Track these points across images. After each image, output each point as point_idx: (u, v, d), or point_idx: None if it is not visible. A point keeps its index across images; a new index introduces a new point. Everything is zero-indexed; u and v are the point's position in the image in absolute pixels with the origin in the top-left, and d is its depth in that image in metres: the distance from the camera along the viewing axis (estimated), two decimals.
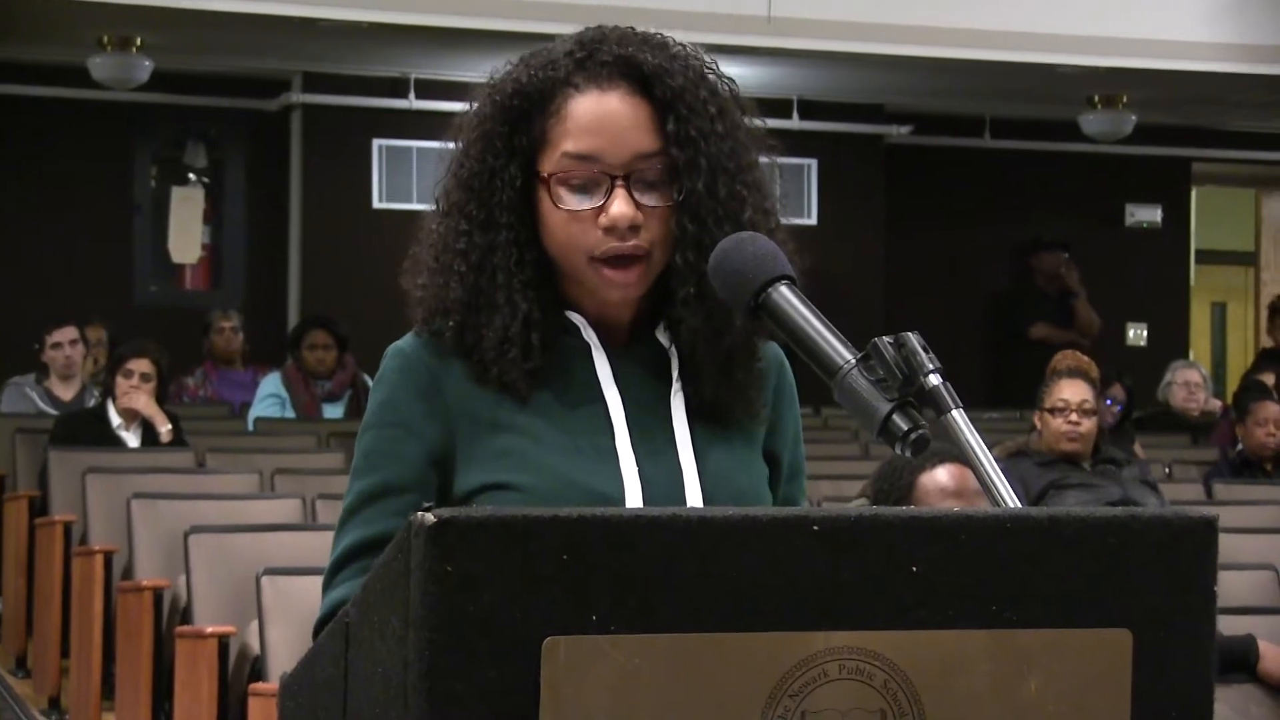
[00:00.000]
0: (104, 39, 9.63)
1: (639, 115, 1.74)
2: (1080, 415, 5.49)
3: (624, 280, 1.75)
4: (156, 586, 5.16)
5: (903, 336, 1.56)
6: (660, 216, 1.75)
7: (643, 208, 1.74)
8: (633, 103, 1.74)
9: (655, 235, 1.75)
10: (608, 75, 1.75)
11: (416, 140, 10.46)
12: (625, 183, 1.73)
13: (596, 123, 1.74)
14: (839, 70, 10.31)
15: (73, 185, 10.70)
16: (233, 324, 9.69)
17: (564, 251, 1.76)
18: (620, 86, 1.75)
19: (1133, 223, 12.45)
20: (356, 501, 1.77)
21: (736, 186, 1.76)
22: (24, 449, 7.44)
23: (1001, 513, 1.40)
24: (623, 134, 1.74)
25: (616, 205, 1.73)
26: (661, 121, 1.74)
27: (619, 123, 1.74)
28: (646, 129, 1.74)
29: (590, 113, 1.74)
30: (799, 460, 1.91)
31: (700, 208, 1.74)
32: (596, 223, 1.73)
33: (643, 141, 1.74)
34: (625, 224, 1.73)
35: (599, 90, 1.74)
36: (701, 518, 1.33)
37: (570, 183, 1.74)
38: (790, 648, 1.31)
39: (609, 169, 1.74)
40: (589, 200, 1.74)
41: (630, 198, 1.73)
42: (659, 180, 1.75)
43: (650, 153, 1.74)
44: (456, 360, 1.77)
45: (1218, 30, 10.08)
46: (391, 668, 1.30)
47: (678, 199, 1.74)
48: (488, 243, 1.76)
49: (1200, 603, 1.39)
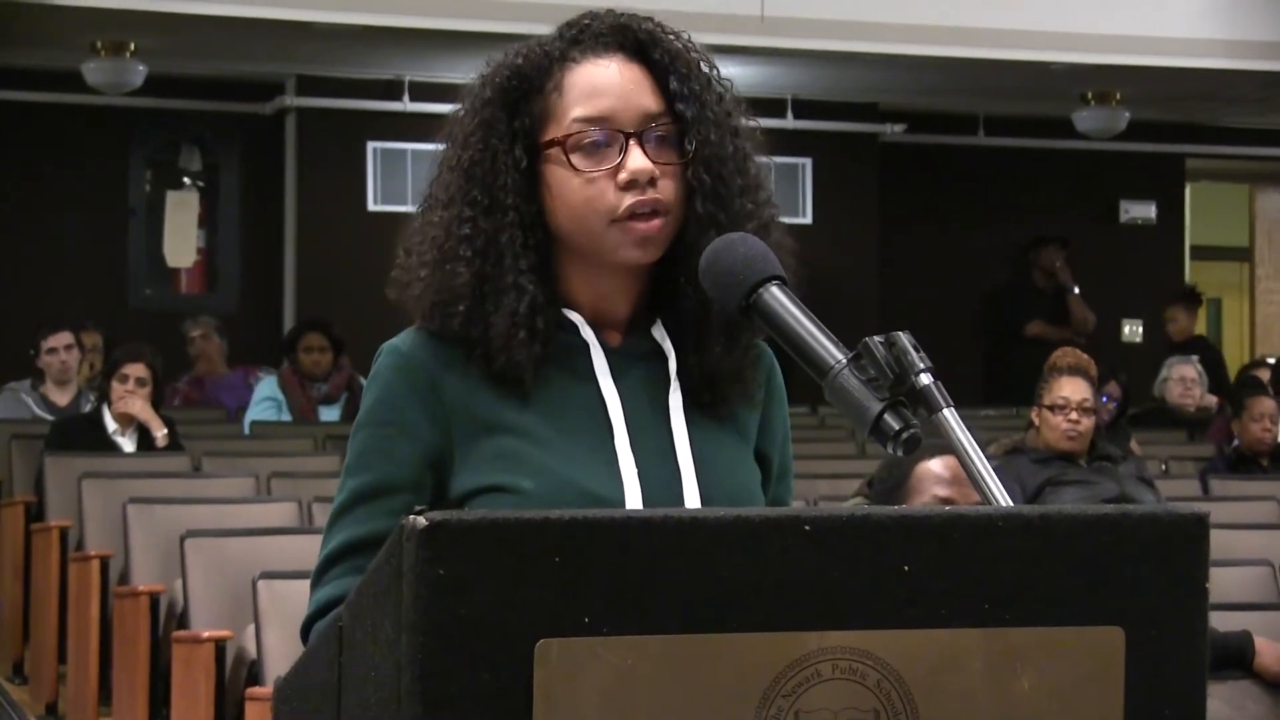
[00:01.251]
0: (98, 44, 9.62)
1: (640, 77, 1.77)
2: (1080, 413, 5.49)
3: (648, 229, 1.74)
4: (153, 591, 5.16)
5: (893, 336, 1.56)
6: (673, 174, 1.76)
7: (657, 164, 1.75)
8: (632, 67, 1.77)
9: (671, 191, 1.76)
10: (604, 45, 1.78)
11: (411, 143, 10.45)
12: (639, 139, 1.75)
13: (602, 86, 1.76)
14: (833, 69, 10.32)
15: (67, 190, 10.69)
16: (202, 331, 9.63)
17: (581, 218, 1.75)
18: (617, 55, 1.77)
19: (1127, 219, 12.46)
20: (348, 500, 1.76)
21: (740, 142, 1.80)
22: (20, 454, 7.43)
23: (993, 511, 1.40)
24: (629, 94, 1.76)
25: (634, 159, 1.74)
26: (663, 82, 1.77)
27: (625, 85, 1.76)
28: (649, 90, 1.77)
29: (593, 78, 1.76)
30: (787, 461, 1.91)
31: (713, 158, 1.76)
32: (614, 182, 1.74)
33: (649, 102, 1.76)
34: (645, 177, 1.74)
35: (597, 58, 1.77)
36: (694, 518, 1.33)
37: (584, 145, 1.75)
38: (783, 648, 1.31)
39: (621, 126, 1.75)
40: (604, 161, 1.75)
41: (645, 153, 1.75)
42: (668, 138, 1.77)
43: (656, 112, 1.76)
44: (456, 356, 1.76)
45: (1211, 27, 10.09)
46: (385, 671, 1.30)
47: (690, 153, 1.76)
48: (493, 227, 1.76)
49: (1192, 599, 1.39)
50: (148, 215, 10.99)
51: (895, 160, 11.71)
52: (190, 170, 11.16)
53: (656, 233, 1.75)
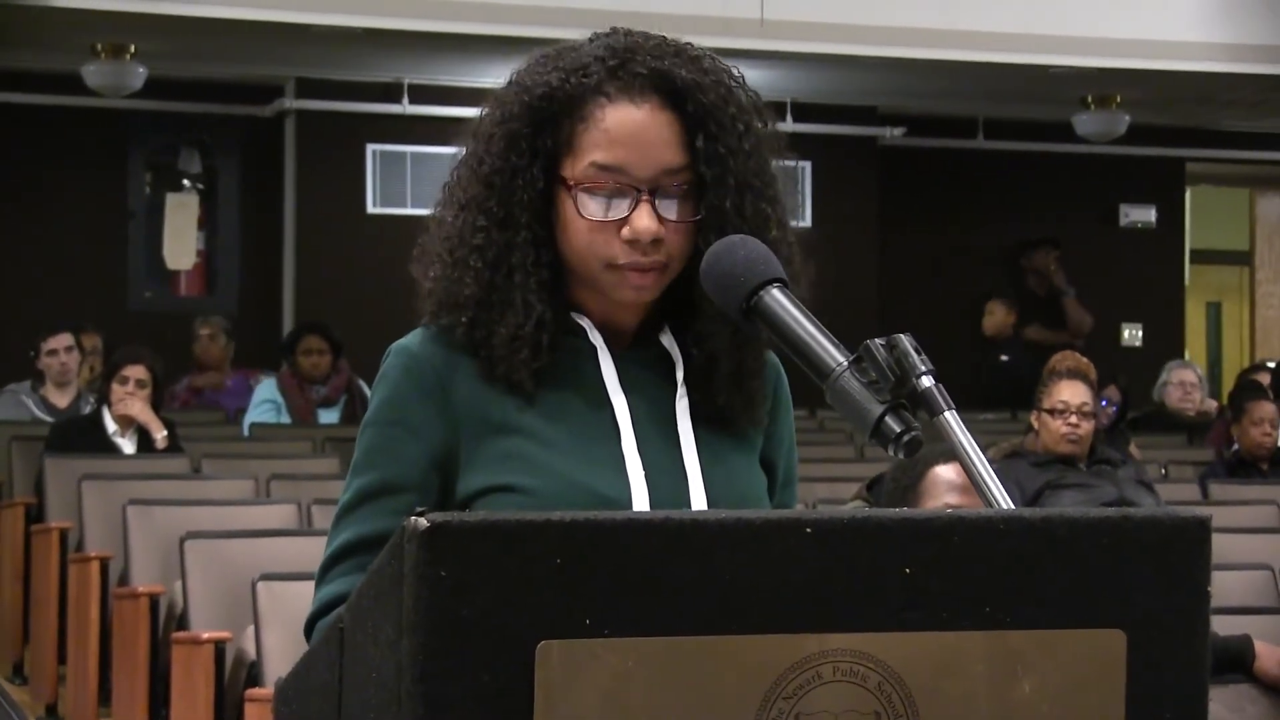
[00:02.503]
0: (98, 46, 9.62)
1: (668, 130, 1.74)
2: (1080, 417, 5.49)
3: (640, 284, 1.75)
4: (152, 593, 5.16)
5: (895, 338, 1.56)
6: (682, 231, 1.75)
7: (665, 222, 1.74)
8: (663, 117, 1.74)
9: (676, 249, 1.75)
10: (640, 87, 1.74)
11: (410, 145, 10.46)
12: (650, 197, 1.73)
13: (627, 135, 1.73)
14: (832, 73, 10.32)
15: (67, 192, 10.69)
16: (209, 331, 9.63)
17: (583, 258, 1.76)
18: (652, 99, 1.74)
19: (1127, 223, 12.46)
20: (354, 499, 1.76)
21: (761, 205, 1.77)
22: (20, 456, 7.44)
23: (994, 514, 1.40)
24: (651, 148, 1.74)
25: (640, 219, 1.73)
26: (690, 137, 1.74)
27: (648, 136, 1.74)
28: (674, 144, 1.74)
29: (621, 124, 1.73)
30: (792, 468, 1.92)
31: (726, 224, 1.74)
32: (619, 233, 1.73)
33: (670, 157, 1.74)
34: (648, 238, 1.73)
35: (631, 102, 1.74)
36: (694, 520, 1.33)
37: (595, 192, 1.74)
38: (784, 650, 1.31)
39: (635, 182, 1.73)
40: (612, 211, 1.74)
41: (654, 212, 1.73)
42: (683, 195, 1.75)
43: (677, 167, 1.74)
44: (463, 357, 1.76)
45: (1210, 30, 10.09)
46: (385, 673, 1.30)
47: (702, 214, 1.74)
48: (505, 241, 1.75)
49: (1194, 602, 1.39)
50: (147, 217, 10.99)
51: (895, 163, 11.71)
52: (190, 173, 11.16)
53: (652, 284, 1.75)
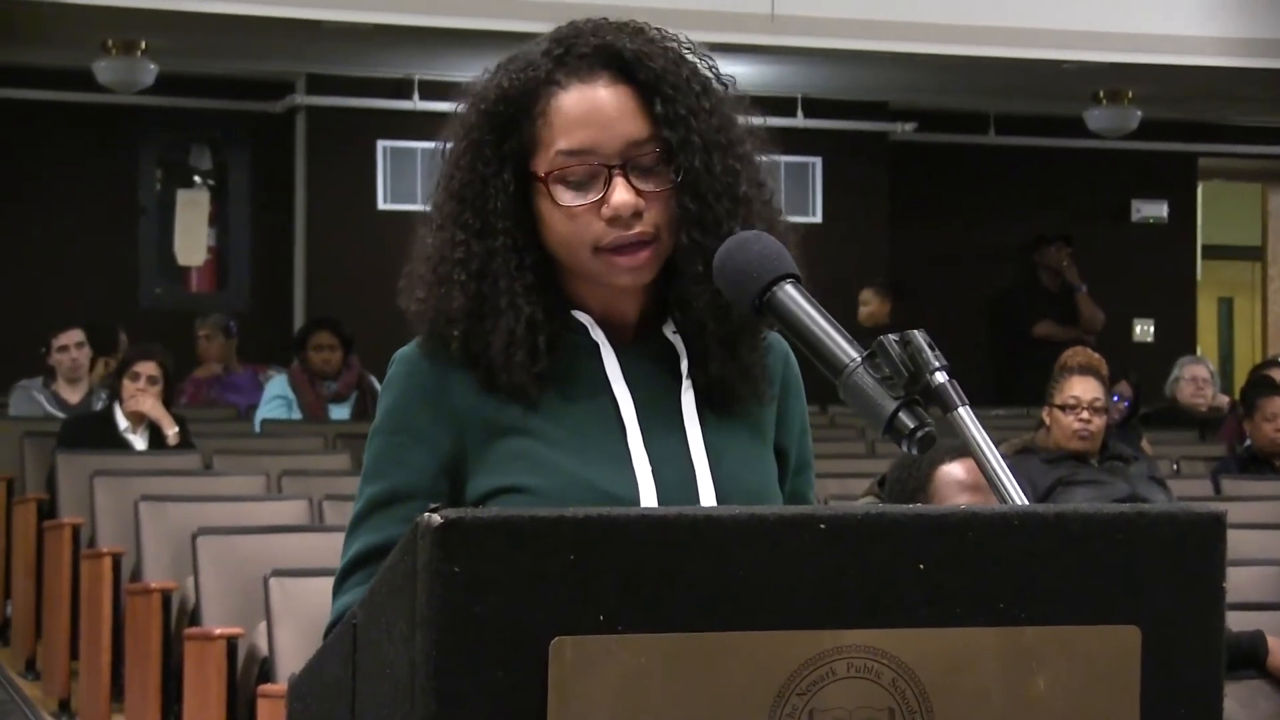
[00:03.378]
0: (108, 43, 9.63)
1: (626, 102, 1.74)
2: (1091, 413, 5.48)
3: (633, 264, 1.74)
4: (165, 589, 5.17)
5: (908, 334, 1.55)
6: (661, 199, 1.74)
7: (643, 193, 1.73)
8: (617, 90, 1.74)
9: (659, 219, 1.74)
10: (588, 67, 1.74)
11: (421, 141, 10.44)
12: (623, 171, 1.73)
13: (585, 116, 1.73)
14: (843, 68, 10.31)
15: (78, 188, 10.70)
16: (207, 331, 9.62)
17: (568, 247, 1.75)
18: (602, 76, 1.74)
19: (1139, 218, 12.43)
20: (365, 508, 1.77)
21: (729, 161, 1.76)
22: (32, 452, 7.45)
23: (1009, 510, 1.39)
24: (613, 123, 1.73)
25: (617, 194, 1.72)
26: (649, 105, 1.74)
27: (607, 113, 1.73)
28: (635, 115, 1.74)
29: (578, 107, 1.73)
30: (806, 453, 1.91)
31: (699, 184, 1.73)
32: (599, 215, 1.73)
33: (633, 128, 1.74)
34: (628, 212, 1.72)
35: (582, 83, 1.74)
36: (708, 517, 1.33)
37: (568, 179, 1.74)
38: (798, 646, 1.31)
39: (605, 159, 1.73)
40: (588, 194, 1.73)
41: (629, 185, 1.73)
42: (655, 164, 1.74)
43: (642, 138, 1.74)
44: (463, 371, 1.76)
45: (1223, 25, 10.07)
46: (399, 669, 1.30)
47: (676, 180, 1.74)
48: (485, 249, 1.75)
49: (1209, 599, 1.38)
50: (158, 214, 11.00)
51: (905, 159, 11.70)
52: (201, 169, 11.17)
53: (643, 264, 1.74)
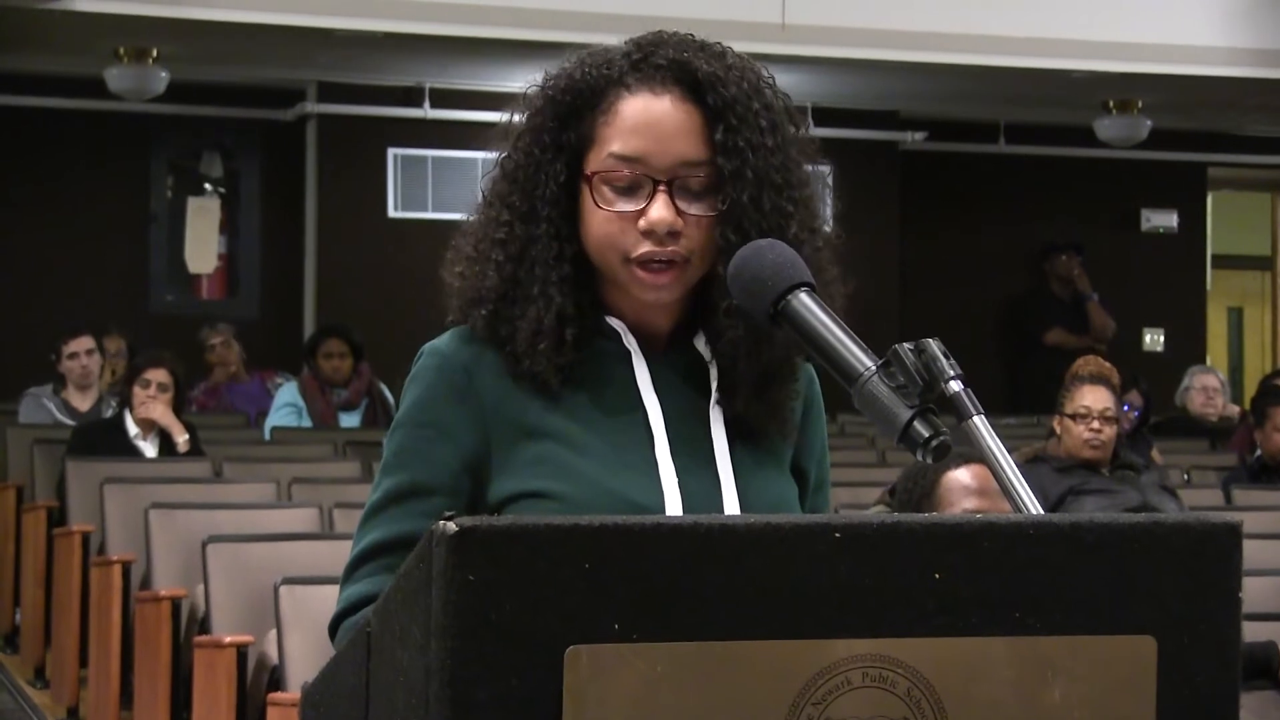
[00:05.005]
0: (120, 50, 9.65)
1: (688, 122, 1.73)
2: (1102, 422, 5.48)
3: (656, 283, 1.74)
4: (174, 596, 5.17)
5: (923, 343, 1.55)
6: (702, 225, 1.74)
7: (684, 214, 1.73)
8: (684, 108, 1.74)
9: (695, 243, 1.74)
10: (661, 79, 1.74)
11: (431, 149, 10.47)
12: (668, 188, 1.73)
13: (644, 125, 1.73)
14: (853, 77, 10.31)
15: (89, 196, 10.72)
16: (222, 338, 9.64)
17: (600, 250, 1.75)
18: (673, 91, 1.74)
19: (1149, 228, 12.43)
20: (383, 499, 1.76)
21: (782, 201, 1.75)
22: (42, 460, 7.46)
23: (1024, 519, 1.39)
24: (670, 138, 1.73)
25: (656, 209, 1.72)
26: (711, 130, 1.73)
27: (667, 127, 1.73)
28: (695, 136, 1.73)
29: (639, 114, 1.73)
30: (825, 473, 1.91)
31: (744, 219, 1.72)
32: (636, 225, 1.73)
33: (689, 148, 1.73)
34: (664, 229, 1.72)
35: (651, 93, 1.74)
36: (723, 526, 1.33)
37: (614, 183, 1.74)
38: (813, 655, 1.31)
39: (652, 172, 1.73)
40: (631, 202, 1.73)
41: (671, 203, 1.73)
42: (703, 189, 1.74)
43: (696, 160, 1.73)
44: (490, 351, 1.76)
45: (1232, 35, 10.06)
46: (413, 676, 1.30)
47: (721, 209, 1.73)
48: (527, 234, 1.75)
49: (1225, 608, 1.38)
50: (169, 221, 11.01)
51: (916, 168, 11.70)
52: (211, 176, 11.19)
53: (665, 285, 1.74)
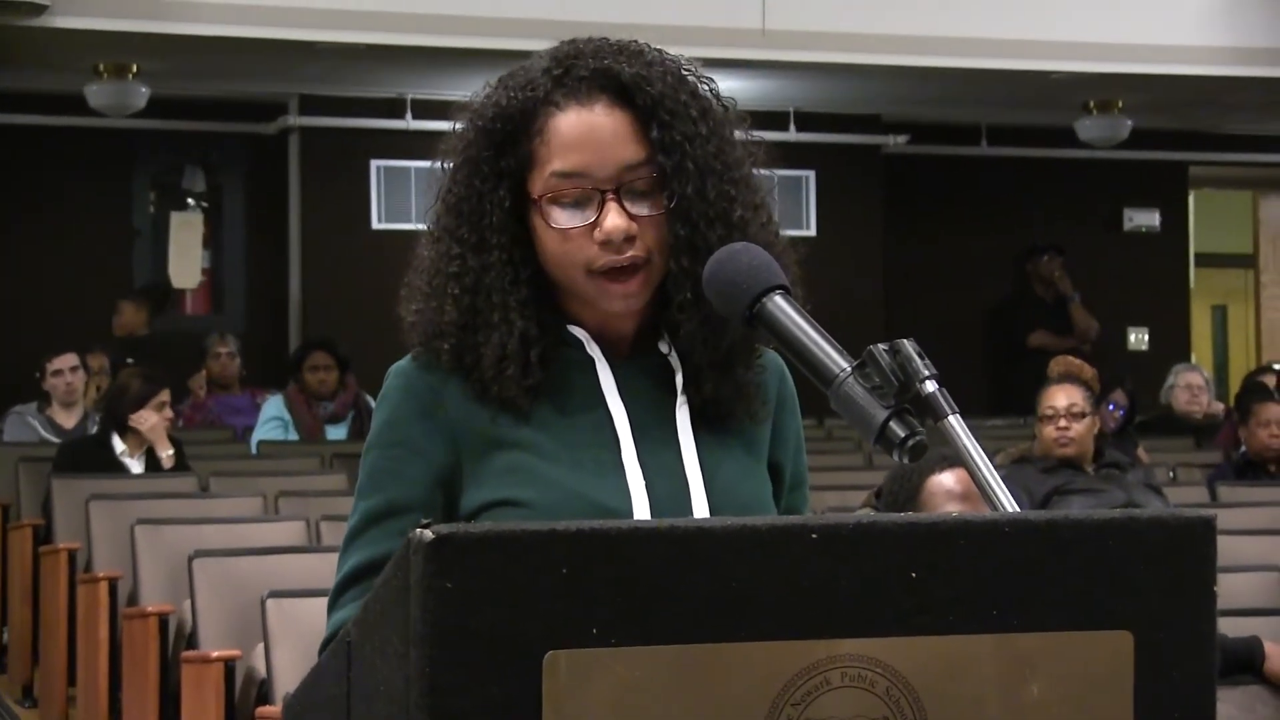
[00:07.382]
0: (100, 66, 9.64)
1: (622, 126, 1.74)
2: (1069, 420, 5.50)
3: (625, 291, 1.75)
4: (161, 612, 5.16)
5: (898, 343, 1.56)
6: (654, 224, 1.75)
7: (636, 218, 1.74)
8: (615, 114, 1.74)
9: (651, 243, 1.75)
10: (587, 89, 1.75)
11: (415, 160, 10.46)
12: (616, 195, 1.73)
13: (581, 139, 1.73)
14: (835, 81, 10.32)
15: (72, 212, 10.71)
16: (229, 349, 9.66)
17: (561, 268, 1.76)
18: (600, 99, 1.75)
19: (1131, 227, 12.46)
20: (361, 523, 1.77)
21: (725, 186, 1.76)
22: (27, 477, 7.44)
23: (1000, 517, 1.40)
24: (608, 147, 1.74)
25: (610, 219, 1.73)
26: (645, 130, 1.74)
27: (603, 136, 1.74)
28: (631, 139, 1.74)
29: (573, 129, 1.74)
30: (801, 469, 1.91)
31: (691, 211, 1.74)
32: (591, 238, 1.73)
33: (629, 152, 1.74)
34: (620, 236, 1.73)
35: (580, 105, 1.74)
36: (700, 528, 1.33)
37: (561, 201, 1.74)
38: (792, 656, 1.31)
39: (598, 183, 1.73)
40: (582, 216, 1.74)
41: (622, 209, 1.73)
42: (649, 189, 1.75)
43: (637, 162, 1.74)
44: (455, 380, 1.77)
45: (1212, 34, 10.09)
46: (393, 685, 1.30)
47: (669, 206, 1.74)
48: (480, 264, 1.76)
49: (1201, 602, 1.39)
50: (152, 236, 11.00)
51: (898, 171, 11.72)
52: (194, 191, 11.18)
53: (634, 291, 1.75)
